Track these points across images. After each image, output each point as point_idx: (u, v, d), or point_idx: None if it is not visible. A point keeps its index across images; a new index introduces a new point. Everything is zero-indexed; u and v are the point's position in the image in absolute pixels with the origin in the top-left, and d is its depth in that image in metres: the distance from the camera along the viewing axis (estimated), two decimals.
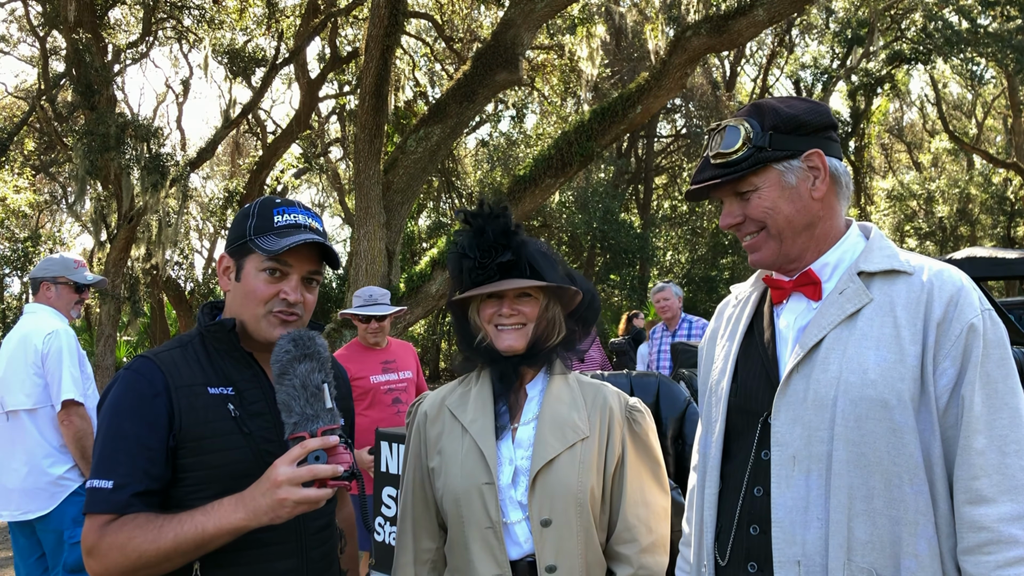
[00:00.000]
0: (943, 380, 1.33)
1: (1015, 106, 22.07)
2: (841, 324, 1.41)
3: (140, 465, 1.46)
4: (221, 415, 1.53)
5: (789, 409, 1.42)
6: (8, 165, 16.88)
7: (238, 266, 1.61)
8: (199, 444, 1.50)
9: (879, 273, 1.43)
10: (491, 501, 1.65)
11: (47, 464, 3.52)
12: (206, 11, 15.44)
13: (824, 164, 1.46)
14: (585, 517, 1.65)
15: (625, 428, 1.75)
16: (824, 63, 21.96)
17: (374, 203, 11.29)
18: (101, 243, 15.41)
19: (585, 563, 1.64)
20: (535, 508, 1.64)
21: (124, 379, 1.52)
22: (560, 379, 1.78)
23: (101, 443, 1.49)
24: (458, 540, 1.69)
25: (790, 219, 1.46)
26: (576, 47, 14.00)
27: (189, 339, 1.61)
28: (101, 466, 1.47)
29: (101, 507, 1.45)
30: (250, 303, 1.59)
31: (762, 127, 1.46)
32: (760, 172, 1.46)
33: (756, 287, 1.64)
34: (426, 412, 1.82)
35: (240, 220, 1.63)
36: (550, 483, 1.65)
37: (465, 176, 22.15)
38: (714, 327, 1.72)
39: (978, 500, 1.29)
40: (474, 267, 1.70)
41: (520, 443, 1.71)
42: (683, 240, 23.02)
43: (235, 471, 1.51)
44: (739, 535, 1.48)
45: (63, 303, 3.79)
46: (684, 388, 3.76)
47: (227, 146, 25.36)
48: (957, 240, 25.00)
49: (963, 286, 1.38)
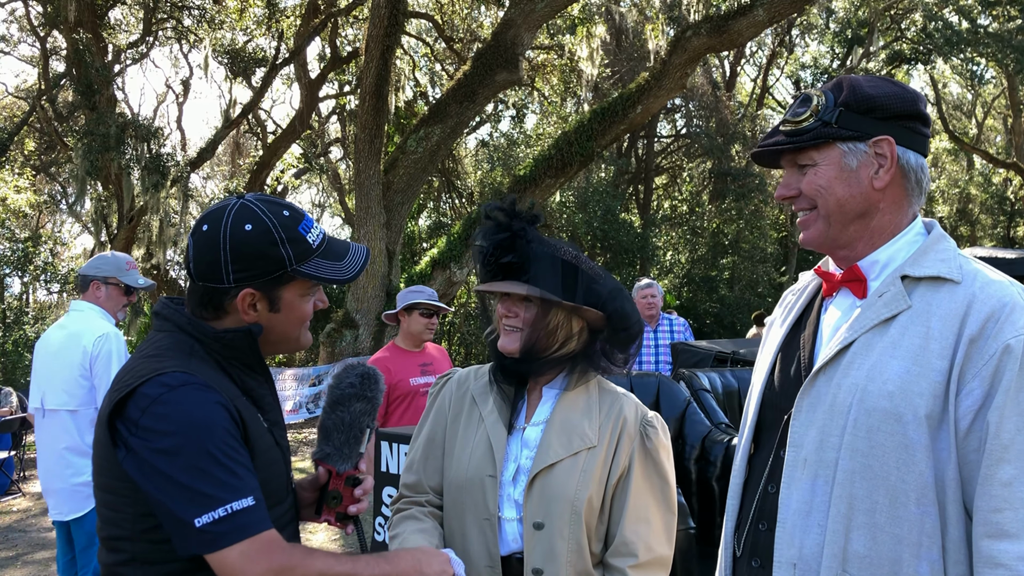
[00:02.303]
0: (968, 401, 1.25)
1: (1015, 106, 22.08)
2: (873, 329, 1.34)
3: (256, 480, 1.30)
4: (261, 428, 1.41)
5: (809, 410, 1.38)
6: (8, 165, 16.89)
7: (271, 298, 1.42)
8: (257, 461, 1.36)
9: (925, 279, 1.34)
10: (491, 493, 1.66)
11: (84, 466, 3.49)
12: (206, 11, 15.44)
13: (893, 153, 1.36)
14: (578, 526, 1.64)
15: (636, 441, 1.73)
16: (824, 63, 21.98)
17: (374, 203, 11.29)
18: (101, 243, 15.42)
19: (573, 571, 1.64)
20: (530, 510, 1.65)
21: (192, 396, 1.28)
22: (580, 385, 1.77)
23: (211, 464, 1.24)
24: (456, 527, 1.71)
25: (842, 203, 1.38)
26: (576, 47, 14.00)
27: (190, 348, 1.38)
28: (226, 487, 1.24)
29: (261, 527, 1.25)
30: (295, 327, 1.48)
31: (835, 102, 1.39)
32: (822, 147, 1.39)
33: (815, 277, 1.57)
34: (453, 388, 1.84)
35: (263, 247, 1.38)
36: (548, 488, 1.65)
37: (465, 176, 22.15)
38: (774, 315, 1.67)
39: (998, 535, 1.21)
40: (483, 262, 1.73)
41: (527, 443, 1.72)
42: (683, 240, 23.01)
43: (277, 485, 1.43)
44: (751, 529, 1.48)
45: (112, 304, 3.71)
46: (684, 388, 3.77)
47: (227, 146, 25.35)
48: (957, 240, 24.88)
49: (1010, 302, 1.26)
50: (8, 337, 15.32)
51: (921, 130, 1.40)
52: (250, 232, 1.36)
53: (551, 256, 1.71)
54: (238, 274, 1.37)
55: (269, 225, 1.38)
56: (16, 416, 8.78)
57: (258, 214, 1.38)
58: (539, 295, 1.67)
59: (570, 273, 1.70)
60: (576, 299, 1.69)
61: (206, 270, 1.38)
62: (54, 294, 21.55)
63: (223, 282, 1.37)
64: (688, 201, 24.20)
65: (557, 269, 1.70)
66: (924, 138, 1.41)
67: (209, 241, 1.37)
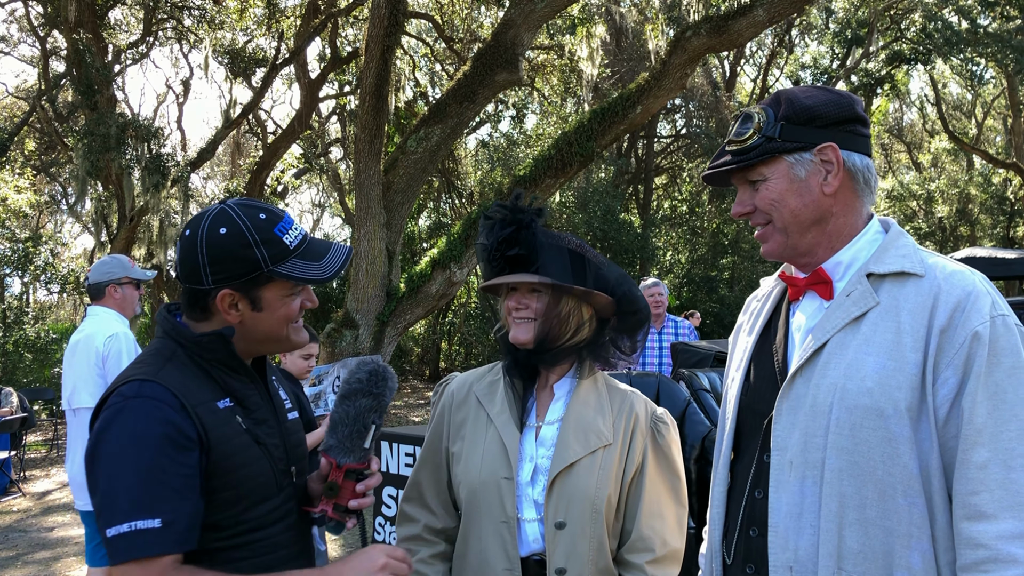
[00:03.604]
0: (944, 390, 1.28)
1: (1015, 106, 22.08)
2: (845, 328, 1.37)
3: (183, 498, 1.32)
4: (236, 429, 1.45)
5: (789, 413, 1.40)
6: (8, 165, 16.89)
7: (251, 298, 1.47)
8: (226, 463, 1.41)
9: (889, 275, 1.38)
10: (508, 496, 1.65)
11: None
12: (206, 11, 15.45)
13: (838, 158, 1.40)
14: (599, 524, 1.65)
15: (648, 438, 1.74)
16: (824, 63, 21.97)
17: (374, 203, 11.30)
18: (102, 243, 15.42)
19: (595, 569, 1.64)
20: (551, 510, 1.64)
21: (138, 408, 1.35)
22: (589, 382, 1.77)
23: (127, 480, 1.30)
24: (472, 531, 1.69)
25: (796, 213, 1.42)
26: (576, 47, 14.00)
27: (171, 353, 1.46)
28: (139, 505, 1.29)
29: (157, 548, 1.28)
30: (280, 326, 1.52)
31: (775, 116, 1.43)
32: (769, 162, 1.43)
33: (779, 282, 1.61)
34: (453, 393, 1.83)
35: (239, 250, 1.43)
36: (568, 487, 1.65)
37: (465, 176, 22.16)
38: (740, 321, 1.70)
39: (977, 516, 1.24)
40: (488, 258, 1.73)
41: (543, 442, 1.71)
42: (683, 240, 23.02)
43: (257, 484, 1.46)
44: (741, 536, 1.48)
45: (129, 302, 4.02)
46: (684, 388, 3.77)
47: (227, 146, 25.36)
48: (957, 240, 25.01)
49: (973, 291, 1.31)
50: (8, 337, 15.31)
51: (861, 131, 1.45)
52: (224, 235, 1.43)
53: (557, 245, 1.72)
54: (215, 276, 1.43)
55: (243, 228, 1.44)
56: (16, 416, 8.78)
57: (233, 218, 1.45)
58: (551, 282, 1.69)
59: (578, 260, 1.72)
60: (587, 284, 1.71)
61: (189, 273, 1.45)
62: (54, 294, 21.56)
63: (203, 283, 1.44)
64: (688, 201, 24.20)
65: (565, 257, 1.72)
66: (866, 139, 1.45)
67: (190, 245, 1.45)
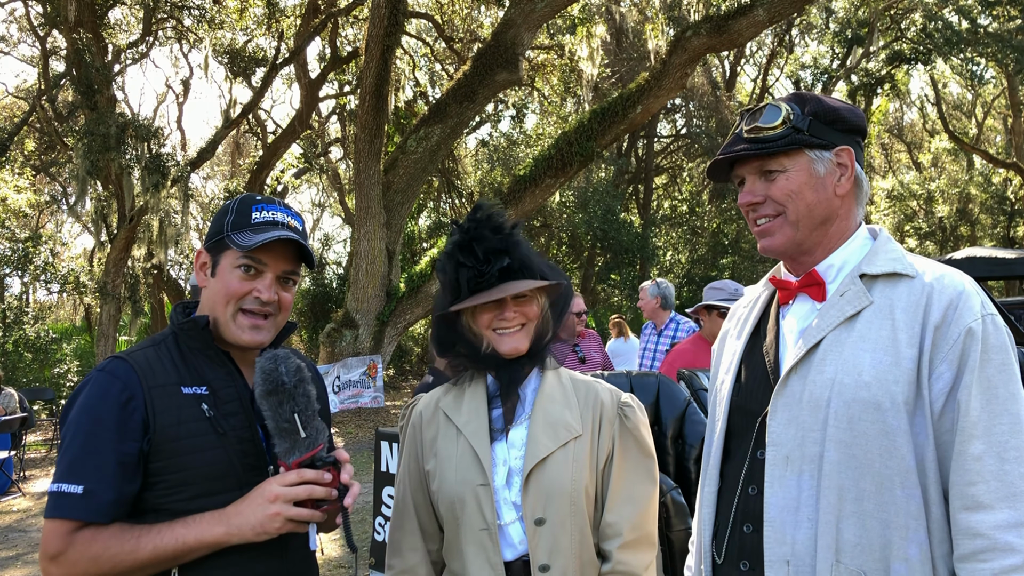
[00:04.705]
0: (939, 384, 1.32)
1: (1015, 106, 22.09)
2: (840, 326, 1.41)
3: (112, 471, 1.42)
4: (195, 415, 1.49)
5: (785, 409, 1.42)
6: (8, 165, 16.89)
7: (214, 262, 1.59)
8: (173, 446, 1.46)
9: (881, 276, 1.43)
10: (486, 503, 1.64)
11: None
12: (206, 11, 15.45)
13: (852, 162, 1.47)
14: (579, 516, 1.65)
15: (616, 424, 1.74)
16: (824, 63, 21.97)
17: (374, 203, 11.29)
18: (101, 243, 15.43)
19: (580, 563, 1.64)
20: (528, 507, 1.63)
21: (97, 381, 1.48)
22: (553, 376, 1.78)
23: (71, 446, 1.43)
24: (453, 543, 1.69)
25: (811, 208, 1.46)
26: (576, 47, 14.00)
27: (162, 338, 1.58)
28: (71, 470, 1.42)
29: (69, 513, 1.40)
30: (223, 300, 1.56)
31: (803, 111, 1.47)
32: (792, 154, 1.46)
33: (766, 288, 1.64)
34: (421, 413, 1.81)
35: (219, 216, 1.61)
36: (543, 482, 1.64)
37: (465, 176, 22.16)
38: (725, 328, 1.73)
39: (974, 506, 1.28)
40: (474, 275, 1.67)
41: (513, 443, 1.70)
42: (683, 240, 23.03)
43: (210, 472, 1.48)
44: (734, 533, 1.49)
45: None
46: (684, 388, 3.77)
47: (227, 146, 25.37)
48: (957, 240, 25.01)
49: (964, 290, 1.36)
50: (8, 337, 15.32)
51: (863, 145, 1.54)
52: (221, 207, 1.66)
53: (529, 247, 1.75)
54: (207, 239, 1.64)
55: (232, 203, 1.64)
56: (16, 416, 8.78)
57: (238, 198, 1.66)
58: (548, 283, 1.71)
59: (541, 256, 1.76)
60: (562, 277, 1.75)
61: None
62: (54, 294, 21.57)
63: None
64: (688, 201, 24.21)
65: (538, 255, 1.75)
66: (863, 152, 1.55)
67: None
